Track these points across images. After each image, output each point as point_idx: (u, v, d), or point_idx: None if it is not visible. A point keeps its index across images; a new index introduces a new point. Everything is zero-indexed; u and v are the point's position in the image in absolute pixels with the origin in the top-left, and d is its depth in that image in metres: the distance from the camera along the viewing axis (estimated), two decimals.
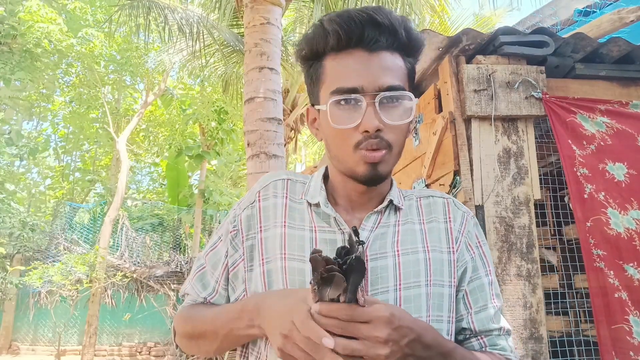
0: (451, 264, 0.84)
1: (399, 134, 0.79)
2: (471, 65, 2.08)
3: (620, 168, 2.02)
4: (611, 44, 2.13)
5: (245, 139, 3.80)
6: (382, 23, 0.76)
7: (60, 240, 10.38)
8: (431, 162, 2.25)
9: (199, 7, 7.54)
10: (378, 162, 0.77)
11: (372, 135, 0.75)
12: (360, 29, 0.76)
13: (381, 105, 0.76)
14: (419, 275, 0.81)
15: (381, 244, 0.82)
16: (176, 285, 9.56)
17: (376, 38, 0.76)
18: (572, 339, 2.51)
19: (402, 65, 0.80)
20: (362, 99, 0.75)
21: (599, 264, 1.93)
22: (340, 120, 0.77)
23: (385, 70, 0.77)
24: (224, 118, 11.80)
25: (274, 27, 3.97)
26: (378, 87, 0.76)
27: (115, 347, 10.24)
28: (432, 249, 0.84)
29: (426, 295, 0.80)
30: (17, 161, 11.83)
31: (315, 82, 0.82)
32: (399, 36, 0.78)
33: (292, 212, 0.85)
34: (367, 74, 0.76)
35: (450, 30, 8.25)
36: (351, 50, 0.77)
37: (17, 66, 9.06)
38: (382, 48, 0.77)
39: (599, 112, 2.09)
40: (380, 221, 0.84)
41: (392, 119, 0.77)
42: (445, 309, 0.82)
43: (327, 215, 0.83)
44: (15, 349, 10.01)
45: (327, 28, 0.78)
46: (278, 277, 0.80)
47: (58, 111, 13.92)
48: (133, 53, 11.34)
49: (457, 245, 0.86)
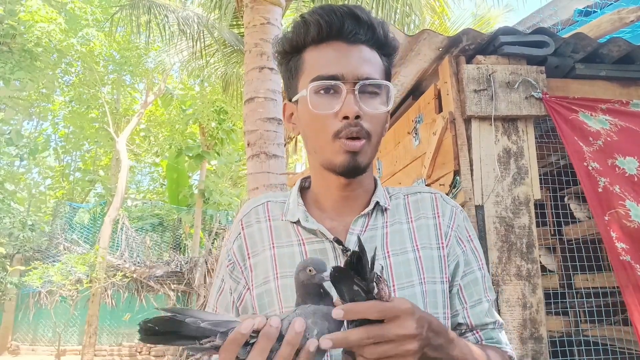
0: (442, 260, 0.84)
1: (377, 123, 0.80)
2: (471, 65, 2.08)
3: (631, 162, 1.98)
4: (611, 44, 2.13)
5: (245, 139, 3.80)
6: (361, 18, 0.78)
7: (60, 240, 10.38)
8: (431, 162, 2.25)
9: (199, 7, 7.54)
10: (357, 151, 0.77)
11: (352, 123, 0.76)
12: (340, 20, 0.78)
13: (360, 94, 0.77)
14: (411, 275, 0.81)
15: (370, 248, 0.81)
16: (176, 285, 9.56)
17: (355, 31, 0.79)
18: (572, 339, 2.51)
19: (379, 60, 0.82)
20: (342, 86, 0.77)
21: (624, 257, 1.86)
22: (320, 106, 0.78)
23: (364, 61, 0.79)
24: (224, 118, 11.81)
25: (274, 27, 3.97)
26: (358, 76, 0.77)
27: (115, 347, 10.24)
28: (422, 247, 0.84)
29: (421, 293, 0.80)
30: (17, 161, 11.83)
31: (294, 74, 0.84)
32: (377, 33, 0.80)
33: (278, 231, 0.86)
34: (347, 63, 0.78)
35: (450, 31, 8.24)
36: (331, 42, 0.79)
37: (17, 66, 9.06)
38: (360, 41, 0.79)
39: (601, 111, 2.09)
40: (368, 224, 0.84)
41: (372, 107, 0.78)
42: (440, 305, 0.81)
43: (311, 229, 0.83)
44: (15, 349, 10.00)
45: (307, 19, 0.80)
46: (272, 298, 0.80)
47: (58, 111, 13.91)
48: (132, 53, 11.34)
49: (447, 240, 0.85)
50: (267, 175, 3.63)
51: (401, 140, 2.79)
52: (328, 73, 0.77)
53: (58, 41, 9.45)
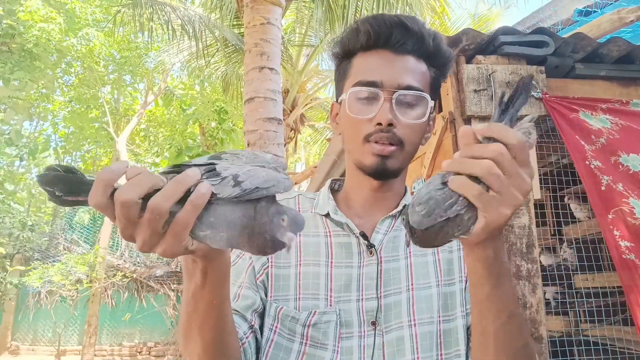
0: (461, 260, 0.86)
1: (412, 133, 0.81)
2: (471, 65, 2.08)
3: (635, 159, 1.97)
4: (611, 44, 2.13)
5: (245, 138, 3.80)
6: (410, 28, 0.80)
7: (60, 240, 10.38)
8: (431, 162, 2.25)
9: (199, 7, 7.54)
10: (387, 155, 0.80)
11: (384, 129, 0.78)
12: (389, 30, 0.80)
13: (398, 102, 0.79)
14: (428, 277, 0.83)
15: (394, 247, 0.84)
16: (176, 285, 9.57)
17: (403, 41, 0.80)
18: (572, 339, 2.51)
19: (425, 71, 0.83)
20: (380, 93, 0.79)
21: (628, 256, 1.84)
22: (357, 110, 0.81)
23: (407, 71, 0.80)
24: (224, 118, 11.81)
25: (274, 27, 3.97)
26: (397, 84, 0.79)
27: (116, 347, 10.24)
28: (442, 250, 0.86)
29: (437, 295, 0.81)
30: (17, 161, 11.83)
31: (343, 77, 0.87)
32: (425, 44, 0.81)
33: (307, 222, 0.87)
34: (389, 71, 0.79)
35: (450, 31, 8.24)
36: (378, 50, 0.82)
37: (17, 66, 9.06)
38: (407, 52, 0.81)
39: (601, 111, 2.08)
40: (394, 225, 0.87)
41: (407, 117, 0.80)
42: (458, 304, 0.82)
43: (339, 221, 0.86)
44: (15, 349, 10.00)
45: (359, 27, 0.83)
46: (288, 282, 0.82)
47: (58, 111, 13.91)
48: (132, 53, 11.34)
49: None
50: None
51: None
52: (368, 79, 0.80)
53: (57, 41, 9.45)
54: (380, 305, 0.79)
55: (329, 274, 0.82)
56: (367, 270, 0.81)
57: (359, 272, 0.81)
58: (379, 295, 0.80)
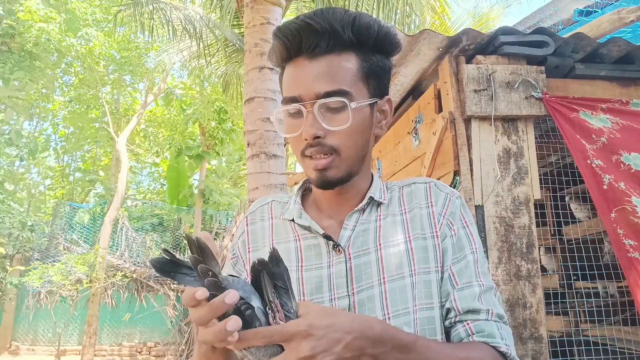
0: (436, 248, 0.82)
1: (346, 137, 0.78)
2: (471, 65, 2.08)
3: (636, 158, 1.96)
4: (611, 44, 2.14)
5: (245, 139, 3.80)
6: (317, 28, 0.74)
7: (60, 240, 10.38)
8: (431, 162, 2.25)
9: (199, 7, 7.54)
10: (324, 168, 0.78)
11: (313, 143, 0.77)
12: (298, 38, 0.76)
13: (322, 111, 0.76)
14: (401, 267, 0.80)
15: (363, 241, 0.82)
16: (176, 285, 9.56)
17: (315, 44, 0.75)
18: (572, 339, 2.52)
19: (350, 66, 0.77)
20: (302, 109, 0.76)
21: (633, 254, 1.83)
22: (288, 129, 0.81)
23: (321, 76, 0.76)
24: (224, 118, 11.81)
25: (274, 27, 3.97)
26: (314, 94, 0.75)
27: (116, 347, 10.23)
28: (415, 238, 0.82)
29: (411, 285, 0.79)
30: (17, 161, 11.83)
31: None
32: (341, 36, 0.75)
33: (278, 229, 0.88)
34: (304, 82, 0.76)
35: (450, 31, 8.24)
36: (295, 59, 0.78)
37: (16, 66, 9.05)
38: (323, 52, 0.76)
39: (601, 110, 2.08)
40: (362, 218, 0.85)
41: (334, 124, 0.76)
42: (435, 294, 0.80)
43: (304, 225, 0.85)
44: (15, 349, 10.00)
45: (274, 41, 0.80)
46: None
47: (58, 111, 13.91)
48: (132, 53, 11.33)
49: (440, 228, 0.84)
50: (267, 175, 3.64)
51: (401, 140, 2.79)
52: (289, 95, 0.78)
53: (57, 41, 9.45)
54: (353, 302, 0.78)
55: (300, 278, 0.81)
56: (337, 269, 0.80)
57: (329, 271, 0.80)
58: (351, 292, 0.79)
